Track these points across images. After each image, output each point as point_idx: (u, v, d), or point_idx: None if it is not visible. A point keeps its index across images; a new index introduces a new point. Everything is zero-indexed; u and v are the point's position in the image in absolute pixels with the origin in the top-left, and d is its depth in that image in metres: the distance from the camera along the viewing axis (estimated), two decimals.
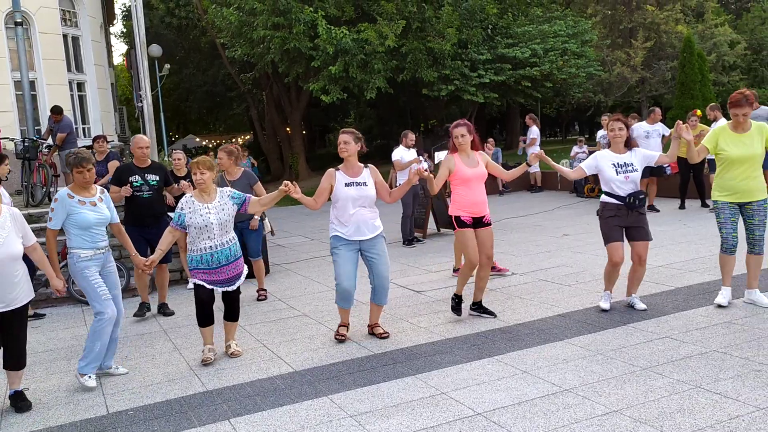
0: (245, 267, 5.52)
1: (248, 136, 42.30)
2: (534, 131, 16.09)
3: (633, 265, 5.83)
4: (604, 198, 5.82)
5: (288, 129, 27.95)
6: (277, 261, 10.04)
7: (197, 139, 40.44)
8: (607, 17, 25.75)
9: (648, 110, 11.84)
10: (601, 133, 12.71)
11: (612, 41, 25.51)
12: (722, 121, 10.97)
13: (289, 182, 5.10)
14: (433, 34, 19.38)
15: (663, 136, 11.57)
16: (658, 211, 11.41)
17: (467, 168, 5.81)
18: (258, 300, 7.54)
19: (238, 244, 5.42)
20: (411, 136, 10.14)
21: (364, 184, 5.47)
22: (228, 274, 5.29)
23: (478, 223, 5.86)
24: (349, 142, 5.45)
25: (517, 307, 6.23)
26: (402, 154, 9.99)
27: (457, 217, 5.88)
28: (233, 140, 42.49)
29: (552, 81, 20.37)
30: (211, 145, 39.86)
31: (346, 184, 5.45)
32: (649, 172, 10.78)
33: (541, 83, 20.36)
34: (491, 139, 18.73)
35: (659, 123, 11.71)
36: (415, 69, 19.44)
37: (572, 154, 16.68)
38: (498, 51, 19.55)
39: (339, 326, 5.79)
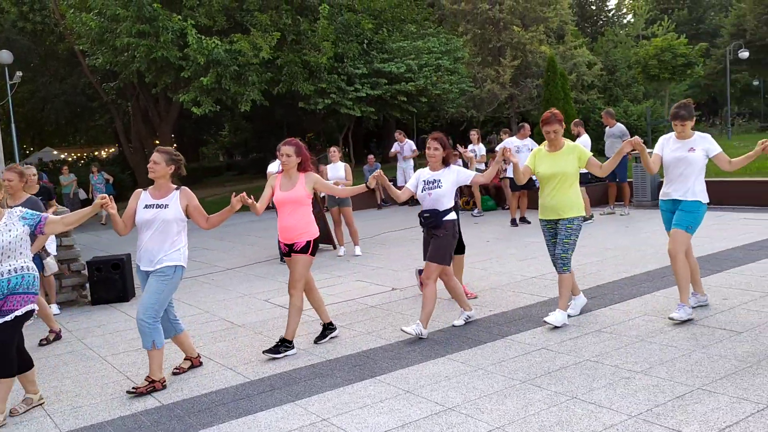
0: (31, 306, 4.49)
1: (113, 149, 40.03)
2: (401, 147, 16.48)
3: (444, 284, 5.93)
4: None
5: (157, 142, 26.66)
6: None
7: (55, 152, 37.65)
8: (477, 36, 26.78)
9: (517, 125, 12.29)
10: (470, 147, 13.11)
11: (482, 59, 26.54)
12: (585, 137, 11.61)
13: (106, 196, 4.63)
14: (309, 47, 19.23)
15: (529, 149, 12.05)
16: (529, 222, 11.84)
17: (279, 191, 5.53)
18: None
19: (29, 278, 4.48)
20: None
21: (165, 206, 4.91)
22: None
23: (291, 250, 5.51)
24: (159, 162, 4.97)
25: (398, 323, 6.13)
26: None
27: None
28: (96, 153, 40.07)
29: (427, 96, 20.83)
30: (71, 158, 37.29)
31: (146, 206, 4.94)
32: (519, 186, 11.17)
33: (417, 98, 20.77)
34: (371, 156, 18.85)
35: (528, 138, 12.20)
36: (291, 82, 19.17)
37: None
38: (374, 65, 19.73)
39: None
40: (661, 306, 5.95)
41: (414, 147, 16.70)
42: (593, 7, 42.73)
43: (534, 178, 11.59)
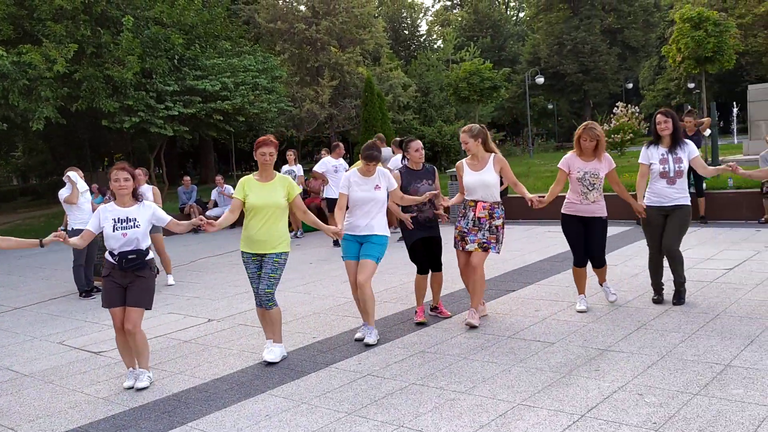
0: None
1: None
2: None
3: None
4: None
5: None
6: None
7: None
8: (295, 55, 26.68)
9: (333, 145, 12.23)
10: (285, 168, 12.82)
11: (301, 78, 26.47)
12: (398, 157, 11.81)
13: None
14: (111, 61, 17.79)
15: (345, 169, 12.04)
16: None
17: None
18: None
19: None
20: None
21: None
22: None
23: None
24: None
25: (214, 359, 5.62)
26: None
27: None
28: None
29: (244, 115, 20.20)
30: None
31: None
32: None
33: (234, 117, 20.07)
34: (187, 177, 17.79)
35: (341, 159, 12.14)
36: (92, 98, 17.57)
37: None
38: (187, 83, 18.74)
39: None
40: (481, 322, 6.02)
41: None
42: (406, 32, 44.68)
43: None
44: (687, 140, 5.99)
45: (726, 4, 41.35)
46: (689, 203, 5.92)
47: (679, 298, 6.00)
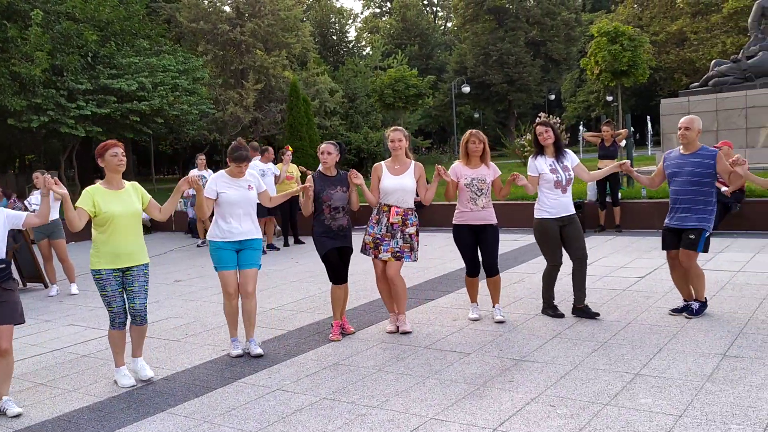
0: None
1: None
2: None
3: None
4: None
5: None
6: None
7: None
8: (219, 57, 26.06)
9: (262, 149, 11.90)
10: (194, 172, 12.46)
11: (224, 81, 25.86)
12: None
13: None
14: (18, 56, 16.80)
15: (275, 175, 11.73)
16: (278, 249, 11.51)
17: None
18: None
19: None
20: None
21: None
22: None
23: None
24: None
25: (113, 375, 5.24)
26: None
27: None
28: None
29: (163, 117, 19.47)
30: None
31: None
32: (267, 211, 10.82)
33: (152, 119, 19.30)
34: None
35: (271, 163, 11.86)
36: None
37: None
38: (101, 81, 17.89)
39: None
40: (396, 333, 5.88)
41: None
42: (334, 37, 44.55)
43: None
44: (567, 150, 6.08)
45: (641, 22, 43.19)
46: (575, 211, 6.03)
47: (578, 304, 5.98)
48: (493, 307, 6.10)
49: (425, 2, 65.73)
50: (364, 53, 46.20)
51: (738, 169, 5.37)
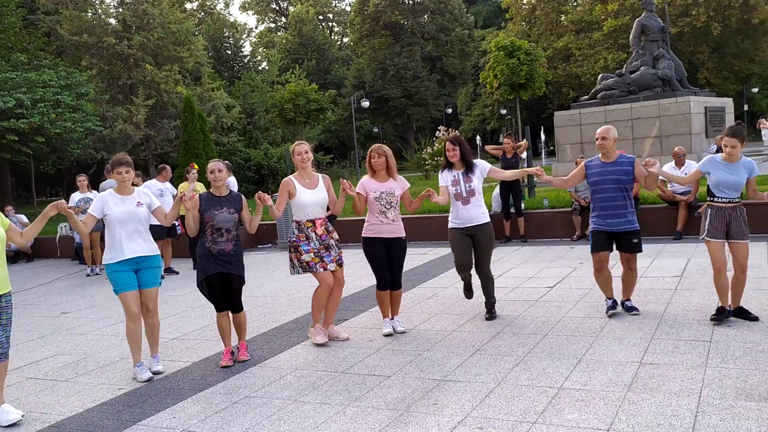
0: None
1: None
2: None
3: None
4: None
5: None
6: None
7: None
8: (105, 72, 24.71)
9: (157, 168, 11.25)
10: (76, 195, 11.67)
11: (112, 96, 24.54)
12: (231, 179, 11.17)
13: None
14: None
15: (173, 194, 11.12)
16: (177, 273, 10.86)
17: None
18: None
19: None
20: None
21: None
22: None
23: None
24: None
25: None
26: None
27: None
28: None
29: (44, 135, 18.12)
30: None
31: None
32: (166, 232, 10.23)
33: (32, 137, 17.91)
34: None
35: (168, 182, 11.24)
36: None
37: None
38: None
39: None
40: (312, 357, 5.58)
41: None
42: (229, 52, 43.56)
43: (177, 225, 10.70)
44: (478, 160, 6.23)
45: (530, 39, 45.05)
46: (488, 220, 6.15)
47: (491, 314, 6.24)
48: (392, 318, 6.11)
49: (321, 17, 65.77)
50: (261, 68, 45.44)
51: (653, 169, 5.60)
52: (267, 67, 40.72)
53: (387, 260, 5.93)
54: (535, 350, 5.22)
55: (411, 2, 51.64)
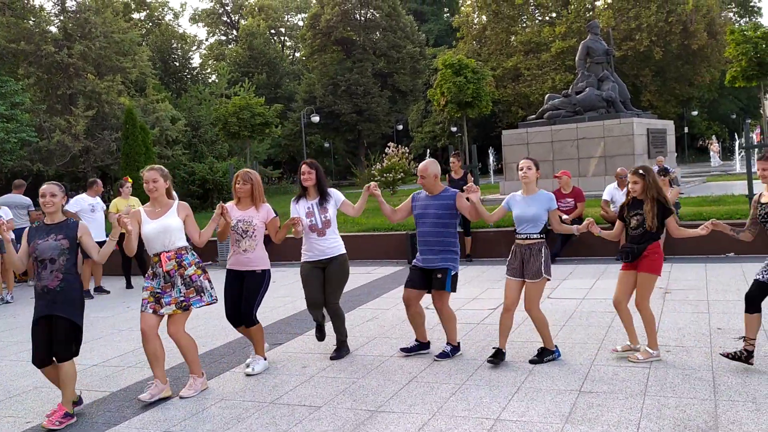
0: None
1: None
2: None
3: None
4: None
5: None
6: None
7: None
8: (43, 81, 23.80)
9: (89, 181, 10.74)
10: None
11: (50, 106, 23.64)
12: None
13: None
14: None
15: (104, 209, 10.63)
16: (108, 292, 10.34)
17: None
18: None
19: None
20: None
21: None
22: None
23: None
24: None
25: None
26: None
27: None
28: None
29: None
30: None
31: None
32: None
33: None
34: None
35: (98, 197, 10.74)
36: None
37: None
38: None
39: None
40: (240, 386, 5.26)
41: None
42: (177, 63, 42.74)
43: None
44: (332, 190, 5.91)
45: (481, 58, 45.67)
46: (343, 252, 5.82)
47: (339, 352, 5.84)
48: (250, 356, 5.73)
49: (273, 31, 65.36)
50: (210, 81, 44.74)
51: (472, 196, 5.38)
52: (216, 80, 40.05)
53: (238, 295, 5.45)
54: (473, 377, 5.03)
55: (363, 19, 51.74)
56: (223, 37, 67.51)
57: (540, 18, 51.04)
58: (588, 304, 7.20)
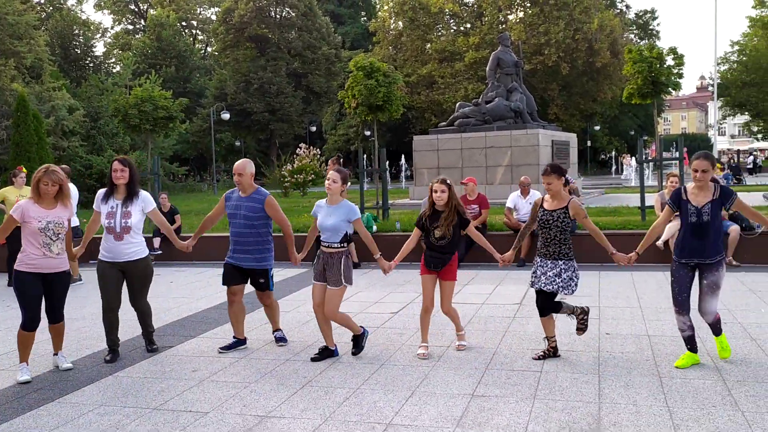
0: None
1: None
2: None
3: None
4: None
5: None
6: None
7: None
8: None
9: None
10: None
11: None
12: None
13: None
14: None
15: None
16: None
17: None
18: None
19: None
20: None
21: None
22: None
23: None
24: None
25: None
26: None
27: None
28: None
29: None
30: None
31: None
32: None
33: None
34: None
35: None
36: None
37: None
38: None
39: None
40: (123, 390, 4.94)
41: None
42: (78, 51, 40.62)
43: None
44: (145, 194, 5.78)
45: (396, 63, 46.05)
46: (145, 255, 5.76)
47: (150, 345, 5.98)
48: (56, 353, 5.61)
49: (184, 23, 63.39)
50: (114, 71, 42.78)
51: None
52: (120, 71, 38.35)
53: (46, 297, 5.30)
54: (369, 381, 4.95)
55: (278, 17, 51.07)
56: (130, 26, 64.91)
57: (455, 28, 52.04)
58: (487, 309, 7.29)
